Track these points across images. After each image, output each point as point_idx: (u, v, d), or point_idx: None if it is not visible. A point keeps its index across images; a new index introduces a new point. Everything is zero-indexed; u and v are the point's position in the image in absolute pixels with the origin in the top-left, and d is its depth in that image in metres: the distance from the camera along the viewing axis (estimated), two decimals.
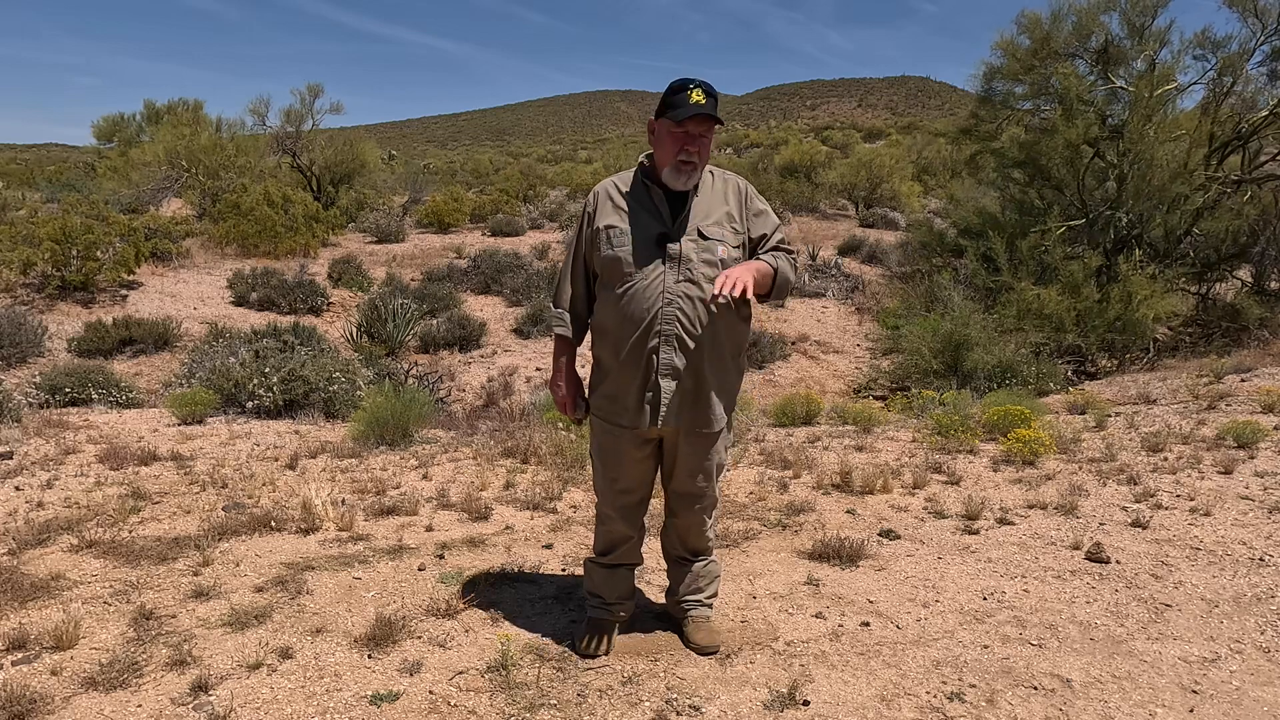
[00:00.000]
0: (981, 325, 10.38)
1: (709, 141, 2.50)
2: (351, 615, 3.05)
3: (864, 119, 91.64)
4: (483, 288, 16.91)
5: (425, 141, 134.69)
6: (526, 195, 29.64)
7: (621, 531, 2.78)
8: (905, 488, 4.76)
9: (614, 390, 2.58)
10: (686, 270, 2.47)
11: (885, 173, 28.79)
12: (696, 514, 2.76)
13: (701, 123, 2.45)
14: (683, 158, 2.46)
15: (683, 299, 2.46)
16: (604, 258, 2.53)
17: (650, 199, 2.54)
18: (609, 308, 2.55)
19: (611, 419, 2.61)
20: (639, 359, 2.50)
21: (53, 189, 30.03)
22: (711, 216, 2.53)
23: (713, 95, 2.46)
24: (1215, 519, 4.07)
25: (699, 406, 2.56)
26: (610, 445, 2.65)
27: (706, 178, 2.58)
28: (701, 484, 2.69)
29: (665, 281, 2.46)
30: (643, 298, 2.47)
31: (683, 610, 2.86)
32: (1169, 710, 2.46)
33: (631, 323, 2.48)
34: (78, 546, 3.78)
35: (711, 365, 2.54)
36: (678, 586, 2.88)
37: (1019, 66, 14.55)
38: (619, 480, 2.69)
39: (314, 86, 26.60)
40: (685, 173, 2.48)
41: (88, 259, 13.61)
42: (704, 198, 2.55)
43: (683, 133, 2.45)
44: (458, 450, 6.08)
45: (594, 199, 2.62)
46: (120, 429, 7.06)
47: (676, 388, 2.51)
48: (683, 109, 2.42)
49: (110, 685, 2.52)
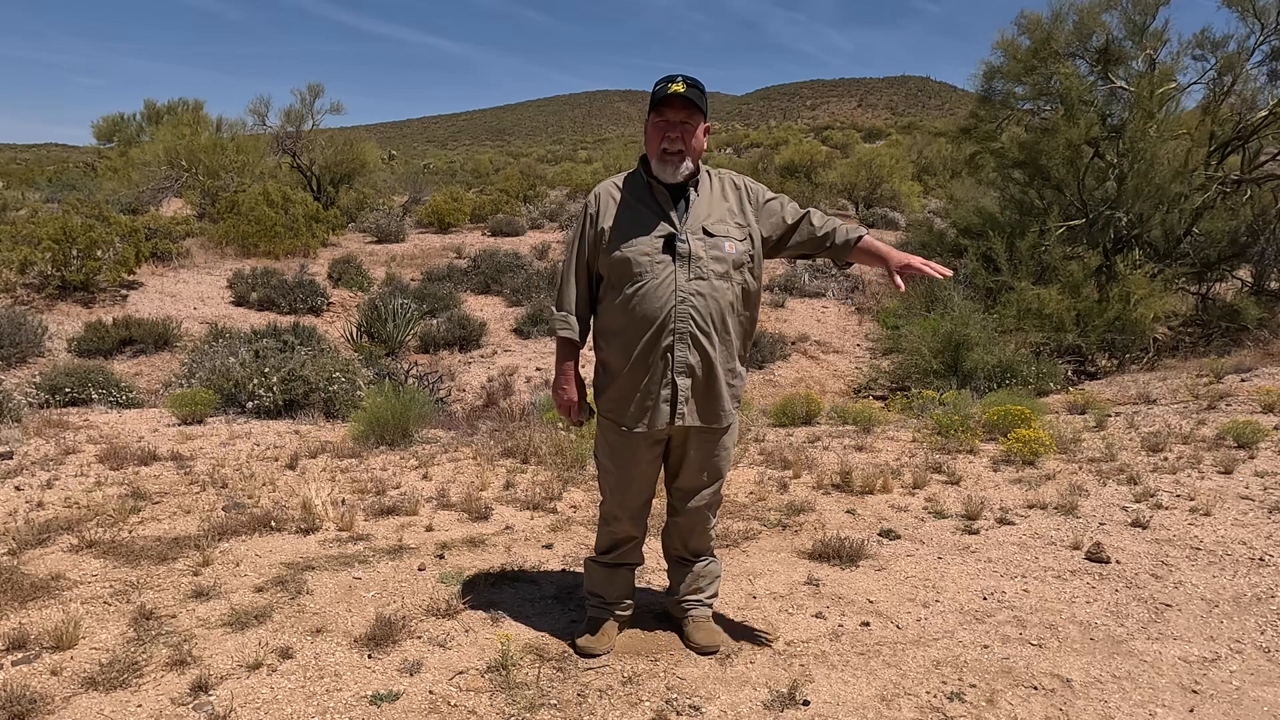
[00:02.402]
0: (981, 325, 10.38)
1: (693, 130, 2.47)
2: (351, 615, 3.05)
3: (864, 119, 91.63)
4: (483, 288, 16.91)
5: (425, 141, 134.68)
6: (526, 195, 29.63)
7: (627, 532, 2.78)
8: (905, 488, 4.76)
9: (625, 391, 2.57)
10: (697, 268, 2.47)
11: (885, 173, 28.78)
12: (700, 513, 2.76)
13: (680, 109, 2.44)
14: (665, 145, 2.45)
15: (695, 296, 2.47)
16: (612, 259, 2.52)
17: (654, 198, 2.53)
18: (617, 309, 2.53)
19: (624, 421, 2.59)
20: (653, 358, 2.50)
21: (53, 189, 30.03)
22: (714, 215, 2.53)
23: (696, 87, 2.44)
24: (1215, 519, 4.07)
25: (711, 402, 2.56)
26: (622, 447, 2.63)
27: (704, 178, 2.57)
28: (708, 480, 2.70)
29: (677, 280, 2.46)
30: (655, 297, 2.46)
31: (683, 610, 2.86)
32: (1169, 710, 2.46)
33: (645, 322, 2.48)
34: (78, 546, 3.78)
35: (723, 361, 2.55)
36: (678, 586, 2.88)
37: (1019, 66, 14.54)
38: (634, 481, 2.68)
39: (314, 86, 26.62)
40: (671, 163, 2.46)
41: (88, 259, 13.61)
42: (704, 198, 2.55)
43: (663, 121, 2.45)
44: (458, 450, 6.08)
45: (595, 200, 2.61)
46: (120, 429, 7.06)
47: (693, 386, 2.52)
48: (660, 97, 2.44)
49: (110, 685, 2.52)
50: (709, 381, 2.54)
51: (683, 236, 2.48)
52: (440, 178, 40.58)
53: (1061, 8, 14.04)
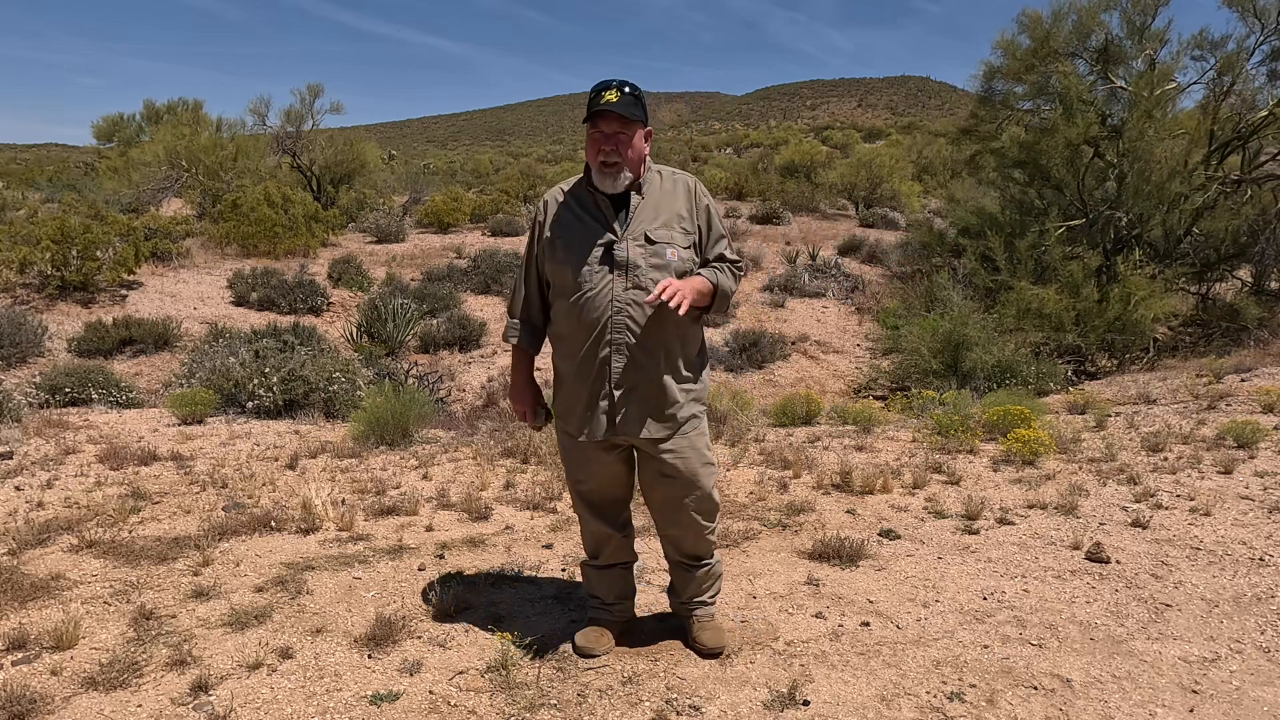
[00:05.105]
0: (981, 325, 10.38)
1: (629, 139, 2.41)
2: (351, 615, 3.05)
3: (864, 119, 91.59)
4: (483, 288, 16.91)
5: (425, 141, 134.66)
6: (526, 195, 29.61)
7: (601, 530, 2.75)
8: (905, 488, 4.76)
9: (570, 399, 2.56)
10: (635, 277, 2.43)
11: (885, 173, 28.75)
12: (684, 526, 2.65)
13: (612, 121, 2.38)
14: (602, 159, 2.41)
15: (632, 306, 2.43)
16: (554, 267, 2.51)
17: (595, 204, 2.49)
18: (563, 316, 2.53)
19: (569, 427, 2.59)
20: (592, 367, 2.48)
21: (53, 189, 30.04)
22: (659, 218, 2.48)
23: (632, 94, 2.39)
24: (1215, 519, 4.07)
25: (653, 413, 2.51)
26: (573, 450, 2.63)
27: (654, 178, 2.53)
28: (676, 491, 2.59)
29: (614, 289, 2.43)
30: (593, 306, 2.44)
31: (687, 610, 2.82)
32: (1169, 710, 2.46)
33: (584, 331, 2.47)
34: (78, 546, 3.78)
35: (665, 371, 2.50)
36: (681, 588, 2.83)
37: (1019, 66, 14.55)
38: (583, 483, 2.68)
39: (314, 86, 26.61)
40: (609, 174, 2.42)
41: (87, 259, 13.61)
42: (651, 199, 2.50)
43: (597, 133, 2.40)
44: (458, 450, 6.08)
45: (543, 207, 2.59)
46: (120, 429, 7.06)
47: (631, 396, 2.48)
48: (593, 109, 2.38)
49: (110, 685, 2.52)
50: (648, 393, 2.49)
51: (621, 244, 2.44)
52: (440, 178, 40.57)
53: (1061, 7, 14.07)
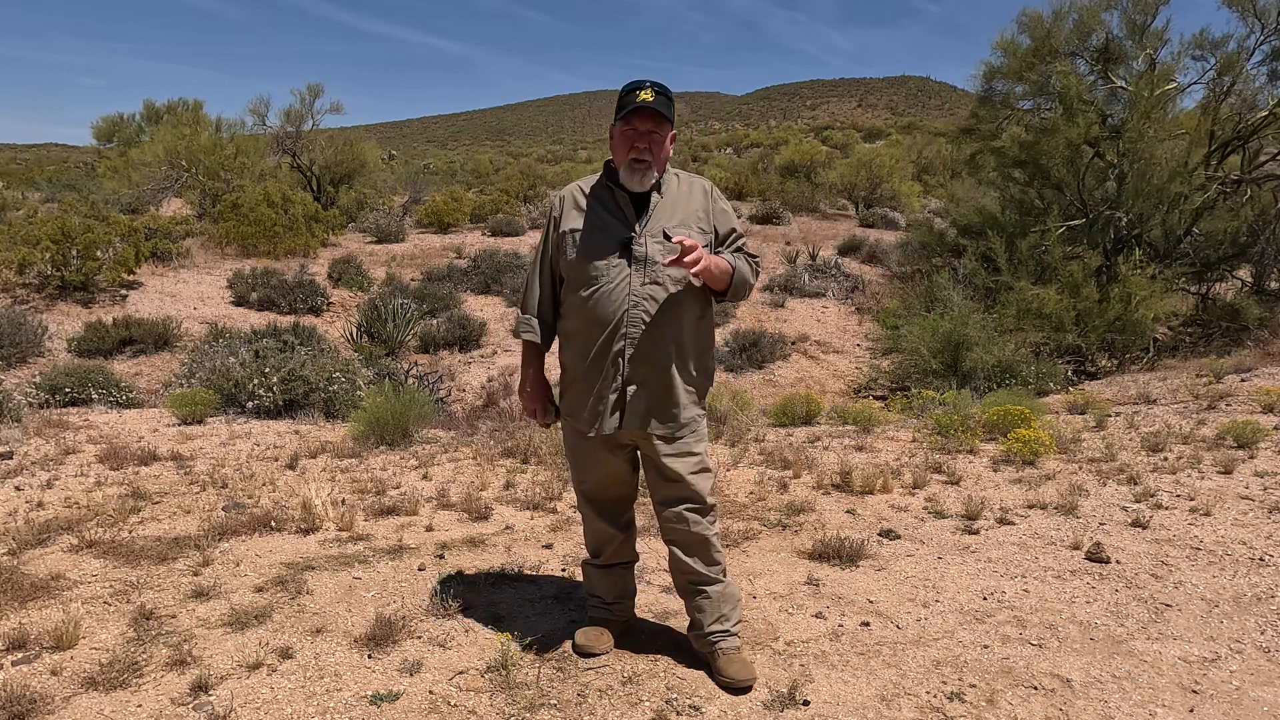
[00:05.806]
0: (981, 325, 10.38)
1: (661, 140, 2.46)
2: (351, 615, 3.05)
3: (864, 119, 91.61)
4: (483, 288, 16.90)
5: (425, 141, 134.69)
6: (526, 195, 29.62)
7: (604, 529, 2.75)
8: (905, 488, 4.76)
9: (580, 394, 2.56)
10: (653, 272, 2.45)
11: (885, 173, 28.75)
12: (690, 531, 2.58)
13: (647, 119, 2.43)
14: (634, 156, 2.43)
15: (648, 300, 2.45)
16: (569, 262, 2.52)
17: (614, 201, 2.52)
18: (575, 312, 2.54)
19: (579, 423, 2.59)
20: (604, 362, 2.49)
21: (53, 189, 30.04)
22: (676, 217, 2.51)
23: (665, 95, 2.44)
24: (1215, 519, 4.07)
25: (663, 409, 2.52)
26: (579, 447, 2.64)
27: (672, 180, 2.56)
28: (679, 492, 2.56)
29: (631, 284, 2.45)
30: (608, 301, 2.45)
31: (710, 643, 2.64)
32: (1169, 710, 2.46)
33: (598, 326, 2.47)
34: (78, 546, 3.78)
35: (677, 367, 2.51)
36: (701, 620, 2.65)
37: (1019, 66, 14.54)
38: (587, 481, 2.70)
39: (314, 86, 26.60)
40: (639, 171, 2.45)
41: (87, 259, 13.61)
42: (669, 199, 2.53)
43: (631, 130, 2.44)
44: (458, 450, 6.08)
45: (559, 203, 2.60)
46: (120, 429, 7.06)
47: (640, 391, 2.49)
48: (629, 107, 2.42)
49: (110, 685, 2.52)
50: (659, 388, 2.50)
51: (640, 240, 2.46)
52: (440, 178, 40.57)
53: (1062, 7, 14.06)
